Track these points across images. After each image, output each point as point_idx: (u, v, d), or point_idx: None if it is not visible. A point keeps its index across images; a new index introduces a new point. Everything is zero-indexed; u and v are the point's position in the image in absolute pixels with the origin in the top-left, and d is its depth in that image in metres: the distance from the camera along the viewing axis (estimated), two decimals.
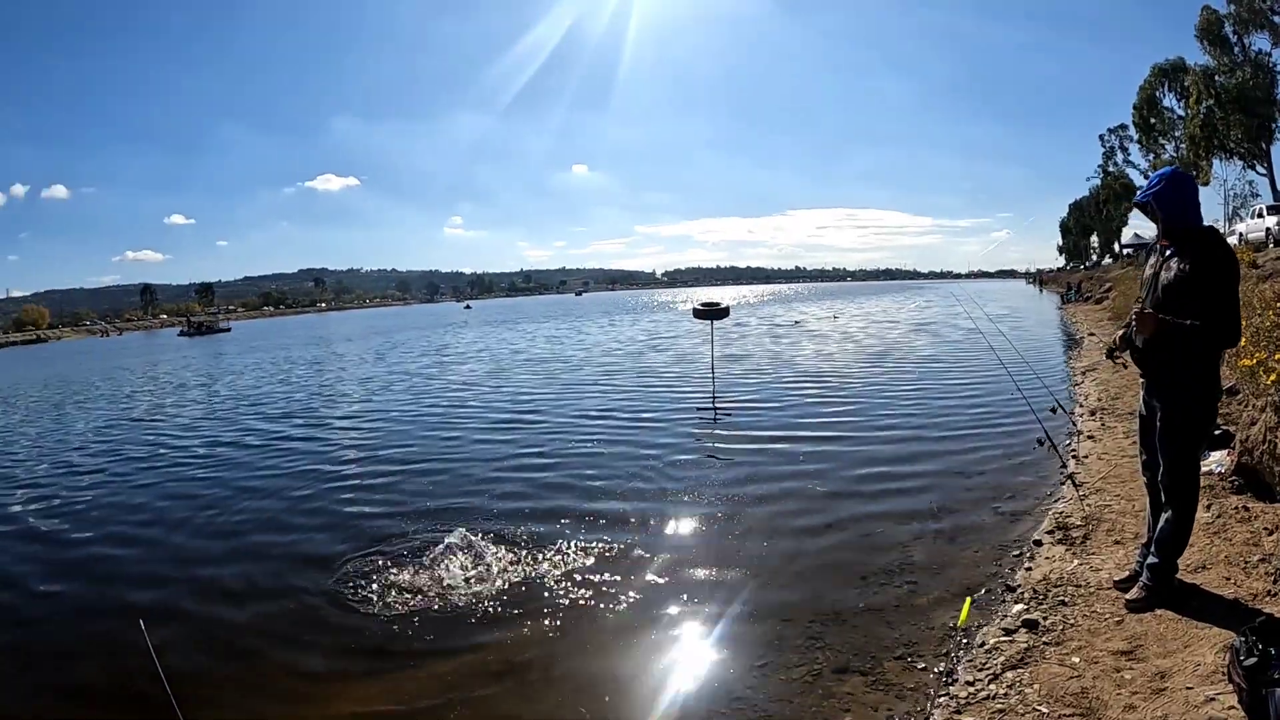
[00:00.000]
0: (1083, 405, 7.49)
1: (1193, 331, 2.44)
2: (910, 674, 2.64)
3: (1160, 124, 32.17)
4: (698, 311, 9.51)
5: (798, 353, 14.38)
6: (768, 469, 5.53)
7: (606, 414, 7.99)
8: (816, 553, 3.86)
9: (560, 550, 3.92)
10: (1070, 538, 3.82)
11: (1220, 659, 2.34)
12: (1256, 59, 25.02)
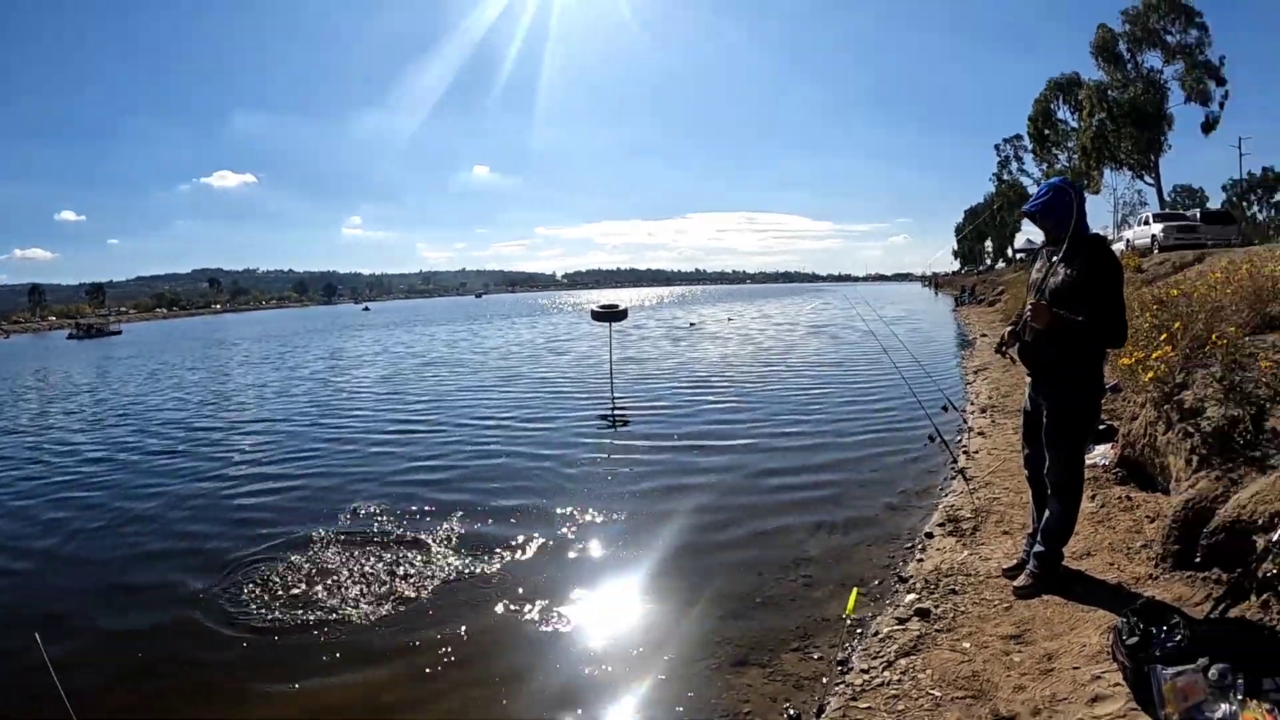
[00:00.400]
0: (974, 403, 9.28)
1: (1082, 331, 3.15)
2: (807, 664, 3.29)
3: (1054, 135, 41.24)
4: (596, 314, 11.64)
5: (697, 355, 17.63)
6: (666, 471, 6.73)
7: (505, 419, 9.54)
8: (715, 551, 4.76)
9: (458, 557, 4.71)
10: (960, 529, 4.72)
11: (1105, 640, 2.97)
12: (1148, 76, 33.35)
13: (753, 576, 4.33)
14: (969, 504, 5.18)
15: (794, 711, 2.93)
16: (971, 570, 4.02)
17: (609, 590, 4.29)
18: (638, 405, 10.42)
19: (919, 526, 5.04)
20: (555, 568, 4.61)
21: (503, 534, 5.13)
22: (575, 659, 3.53)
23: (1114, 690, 2.68)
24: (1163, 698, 2.49)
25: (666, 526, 5.25)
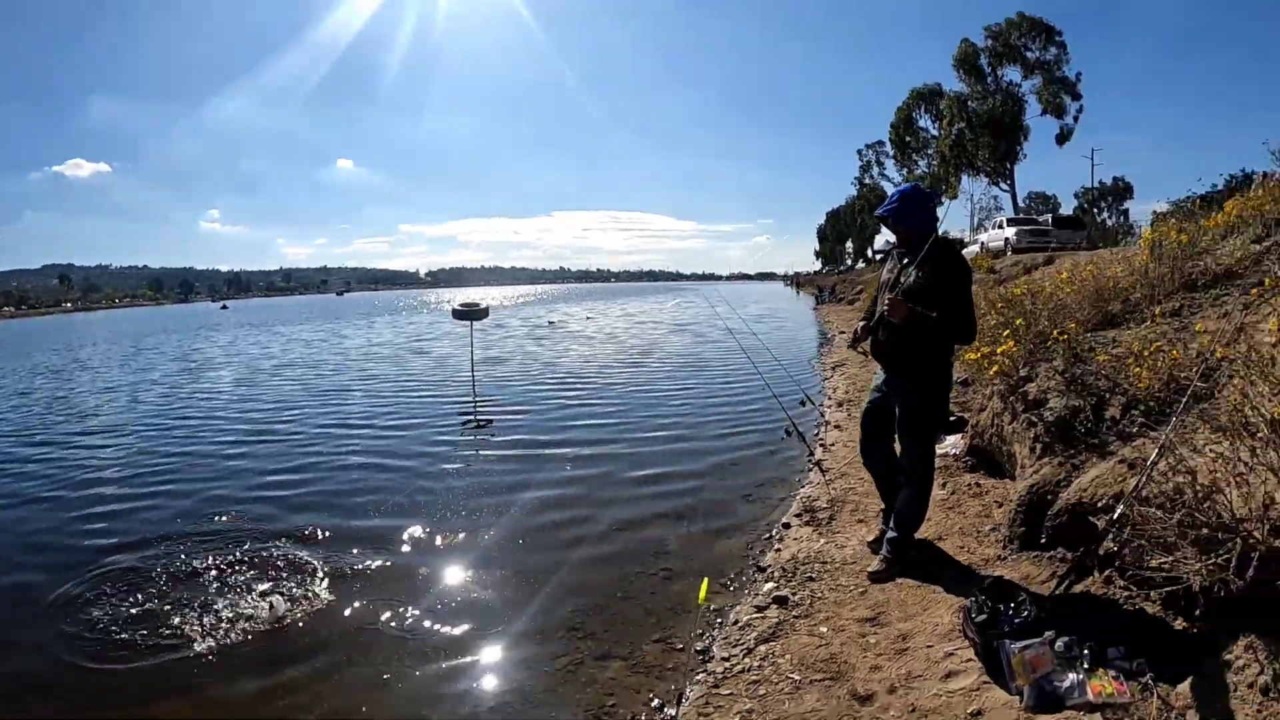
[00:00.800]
0: (831, 398, 10.11)
1: (935, 328, 3.62)
2: (669, 655, 3.56)
3: (915, 142, 45.67)
4: (457, 312, 12.22)
5: (560, 354, 18.62)
6: (527, 472, 7.08)
7: (365, 424, 9.87)
8: (577, 550, 5.08)
9: (316, 573, 4.75)
10: (817, 519, 5.13)
11: (956, 619, 3.32)
12: (1007, 89, 37.46)
13: (614, 572, 4.63)
14: (825, 494, 5.64)
15: (658, 702, 3.13)
16: (828, 558, 4.40)
17: (470, 596, 4.45)
18: (500, 407, 10.84)
19: (777, 517, 5.47)
20: (415, 577, 4.75)
21: (362, 545, 5.24)
22: (435, 666, 3.65)
23: (967, 666, 3.00)
24: (1013, 670, 2.80)
25: (527, 528, 5.53)
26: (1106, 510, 3.24)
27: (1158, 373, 4.16)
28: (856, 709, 2.88)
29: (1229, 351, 3.87)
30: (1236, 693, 2.23)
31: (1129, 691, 2.56)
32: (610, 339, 23.36)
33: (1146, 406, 4.15)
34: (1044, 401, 4.80)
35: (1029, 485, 4.26)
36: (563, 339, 23.84)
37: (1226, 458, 2.85)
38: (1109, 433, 4.21)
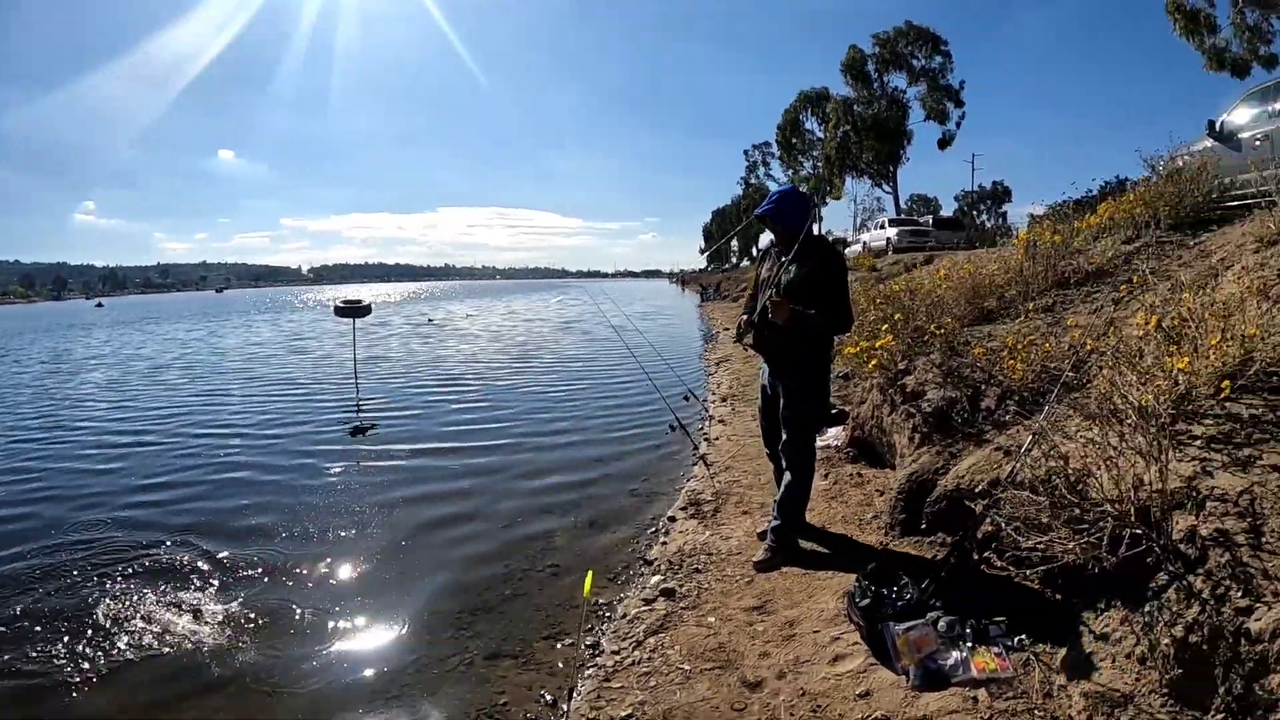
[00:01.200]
0: (715, 393, 10.33)
1: (815, 325, 3.89)
2: (559, 651, 3.63)
3: (801, 143, 47.31)
4: (340, 309, 12.31)
5: (444, 354, 18.57)
6: (412, 473, 7.13)
7: (245, 427, 9.57)
8: (463, 550, 5.12)
9: (197, 585, 4.61)
10: (702, 512, 5.20)
11: (841, 604, 3.42)
12: (893, 94, 39.36)
13: (501, 570, 4.69)
14: (710, 488, 5.73)
15: (550, 697, 3.19)
16: (714, 550, 4.48)
17: (356, 601, 4.39)
18: (384, 407, 10.72)
19: (662, 511, 5.58)
20: (300, 586, 4.60)
21: (243, 555, 5.09)
22: (323, 674, 3.61)
23: (853, 649, 3.09)
24: (898, 651, 2.88)
25: (412, 530, 5.52)
26: (984, 495, 3.38)
27: (1031, 365, 4.41)
28: (747, 696, 2.92)
29: (1099, 344, 4.15)
30: (1115, 663, 2.36)
31: (1011, 666, 2.68)
32: (496, 337, 23.39)
33: (1020, 397, 4.40)
34: (922, 393, 5.01)
35: (909, 473, 4.43)
36: (447, 338, 23.71)
37: (1097, 443, 3.03)
38: (985, 422, 4.43)
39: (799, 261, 3.98)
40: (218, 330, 32.51)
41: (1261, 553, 2.22)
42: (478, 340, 22.52)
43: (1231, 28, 17.39)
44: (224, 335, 28.95)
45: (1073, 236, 6.32)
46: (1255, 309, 3.41)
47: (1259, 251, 4.37)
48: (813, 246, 4.04)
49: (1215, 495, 2.51)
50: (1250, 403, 2.90)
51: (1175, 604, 2.28)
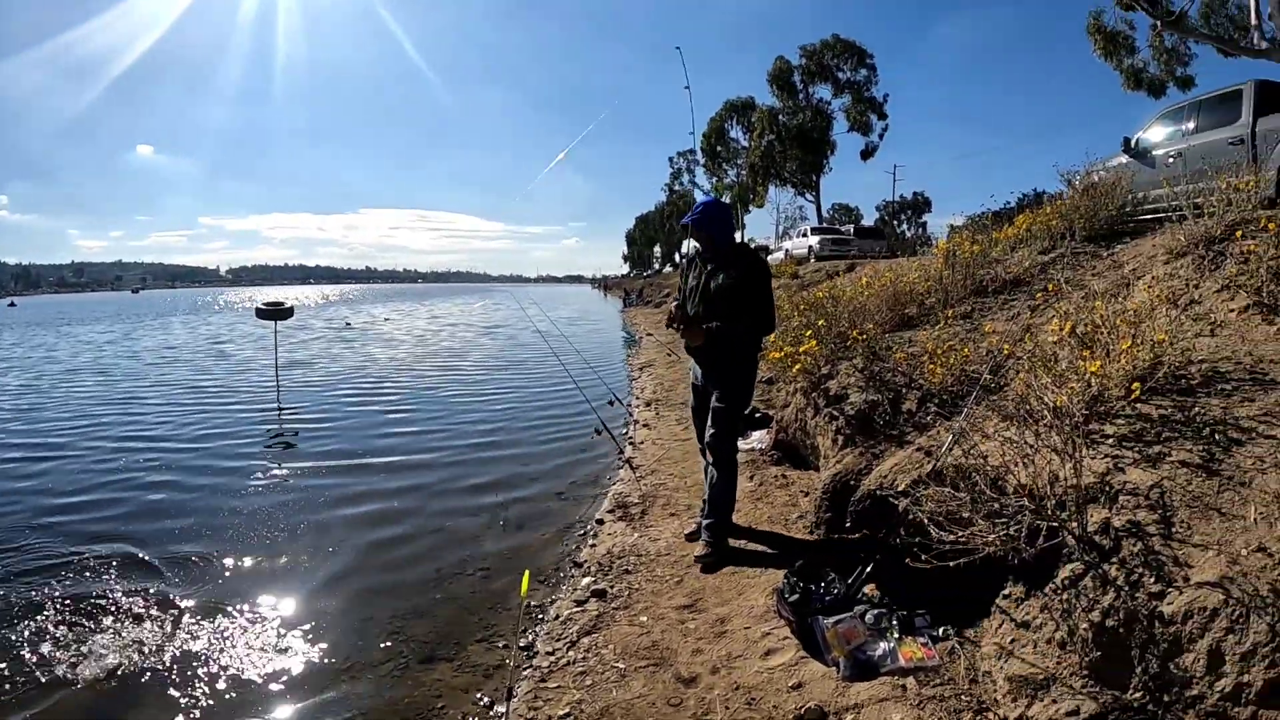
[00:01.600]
0: (639, 397, 10.37)
1: (734, 335, 4.13)
2: (493, 653, 3.64)
3: (725, 152, 47.97)
4: (261, 311, 12.11)
5: (368, 358, 18.32)
6: (337, 480, 7.00)
7: (162, 437, 9.11)
8: (392, 556, 5.10)
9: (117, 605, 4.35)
10: (630, 515, 5.23)
11: (770, 600, 3.49)
12: (817, 106, 40.26)
13: (431, 575, 4.67)
14: (636, 490, 5.77)
15: (487, 700, 3.20)
16: (642, 551, 4.53)
17: (285, 612, 4.23)
18: (306, 413, 10.47)
19: (590, 514, 5.60)
20: (225, 599, 4.41)
21: (165, 572, 4.82)
22: (254, 686, 3.50)
23: (784, 643, 3.16)
24: (827, 643, 2.95)
25: (340, 538, 5.43)
26: (906, 494, 3.49)
27: (950, 369, 4.58)
28: (683, 691, 2.95)
29: (1016, 349, 4.34)
30: (1036, 649, 2.46)
31: (937, 655, 2.78)
32: (420, 342, 23.14)
33: (940, 399, 4.56)
34: (845, 397, 5.14)
35: (833, 474, 4.54)
36: (370, 342, 23.33)
37: (1014, 442, 3.17)
38: (906, 424, 4.57)
39: (725, 269, 4.21)
40: (134, 333, 31.43)
41: (1172, 541, 2.35)
42: (402, 345, 22.24)
43: (1150, 50, 18.29)
44: (140, 338, 27.95)
45: (991, 247, 6.59)
46: (1164, 316, 3.63)
47: (1169, 263, 4.64)
48: (738, 254, 4.30)
49: (1127, 489, 2.65)
50: (1159, 403, 3.07)
51: (1092, 591, 2.40)
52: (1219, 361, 3.31)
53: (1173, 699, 2.06)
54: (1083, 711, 2.18)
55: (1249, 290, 3.71)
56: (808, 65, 38.85)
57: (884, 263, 11.86)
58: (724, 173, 48.14)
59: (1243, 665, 1.97)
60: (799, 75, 39.23)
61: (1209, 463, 2.62)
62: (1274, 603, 2.01)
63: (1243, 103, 7.28)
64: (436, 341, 23.30)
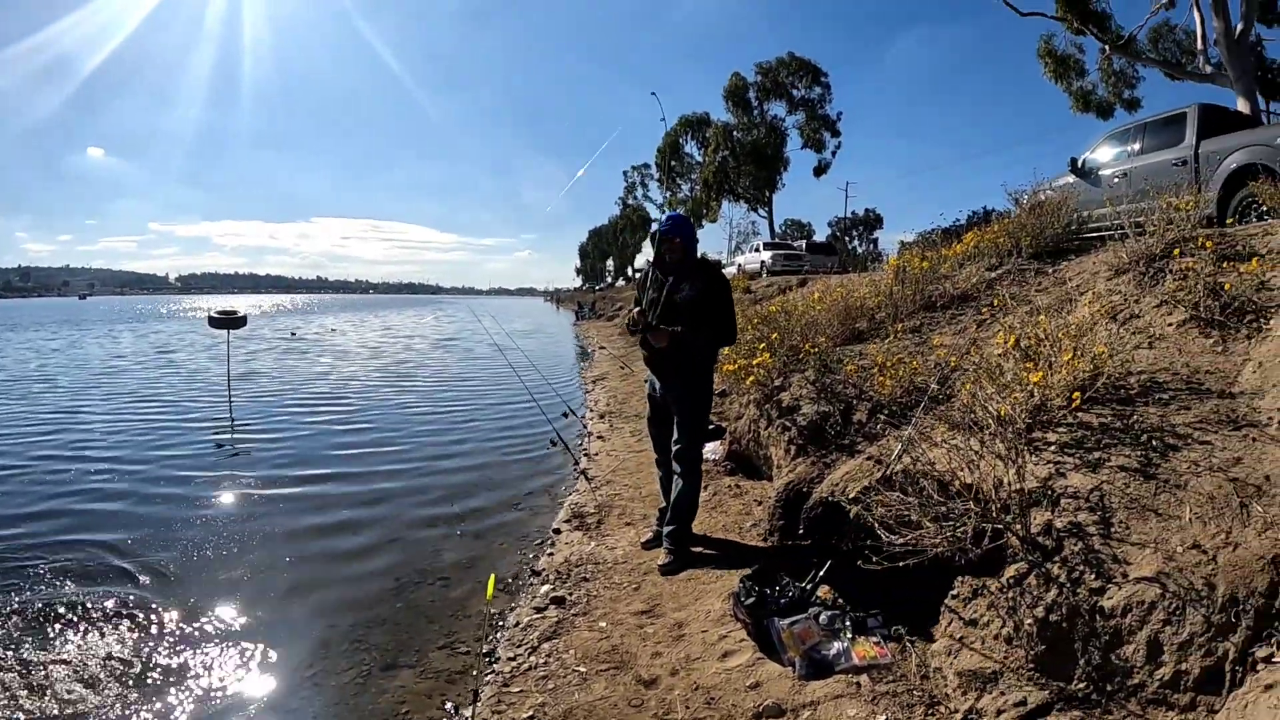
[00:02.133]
0: (593, 410, 10.42)
1: (695, 342, 4.28)
2: (455, 659, 3.67)
3: (680, 166, 48.44)
4: (214, 320, 12.09)
5: (322, 370, 18.03)
6: (293, 492, 6.91)
7: (110, 448, 8.87)
8: (350, 566, 5.08)
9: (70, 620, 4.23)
10: (586, 524, 5.26)
11: (727, 605, 3.55)
12: (771, 122, 40.71)
13: (391, 585, 4.68)
14: (592, 501, 5.82)
15: (451, 705, 3.23)
16: (600, 559, 4.57)
17: (245, 623, 4.17)
18: (260, 427, 10.28)
19: (547, 524, 5.62)
20: (183, 614, 4.31)
21: (117, 587, 4.70)
22: (217, 698, 3.47)
23: (741, 645, 3.22)
24: (783, 644, 3.02)
25: (297, 549, 5.39)
26: (857, 500, 3.58)
27: (900, 381, 4.71)
28: (643, 692, 2.99)
29: (963, 361, 4.48)
30: (984, 645, 2.56)
31: (890, 653, 2.86)
32: (375, 354, 22.89)
33: (890, 410, 4.68)
34: (797, 408, 5.24)
35: (786, 483, 4.63)
36: (324, 353, 22.98)
37: (961, 449, 3.28)
38: (857, 434, 4.68)
39: (689, 280, 4.34)
40: (81, 341, 30.35)
41: (1111, 541, 2.47)
42: (356, 357, 21.97)
43: (1099, 72, 18.90)
44: (88, 345, 27.05)
45: (940, 263, 6.77)
46: (1105, 330, 3.80)
47: (1111, 279, 4.84)
48: (699, 267, 4.45)
49: (1069, 493, 2.77)
50: (1100, 412, 3.22)
51: (1036, 589, 2.50)
52: (1157, 372, 3.46)
53: (1115, 688, 2.16)
54: (1030, 702, 2.27)
55: (1187, 305, 3.89)
56: (763, 82, 39.20)
57: (835, 278, 12.07)
58: (678, 187, 48.68)
59: (1180, 654, 2.08)
60: (754, 92, 39.61)
61: (1146, 467, 2.75)
62: (1208, 595, 2.13)
63: (1187, 125, 7.61)
64: (391, 353, 23.11)
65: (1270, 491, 2.43)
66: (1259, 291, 3.72)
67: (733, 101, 39.87)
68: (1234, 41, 13.92)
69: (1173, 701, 2.05)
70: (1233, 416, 2.95)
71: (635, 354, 15.55)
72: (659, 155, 47.85)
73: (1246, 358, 3.34)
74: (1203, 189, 6.58)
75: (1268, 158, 6.44)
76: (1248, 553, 2.22)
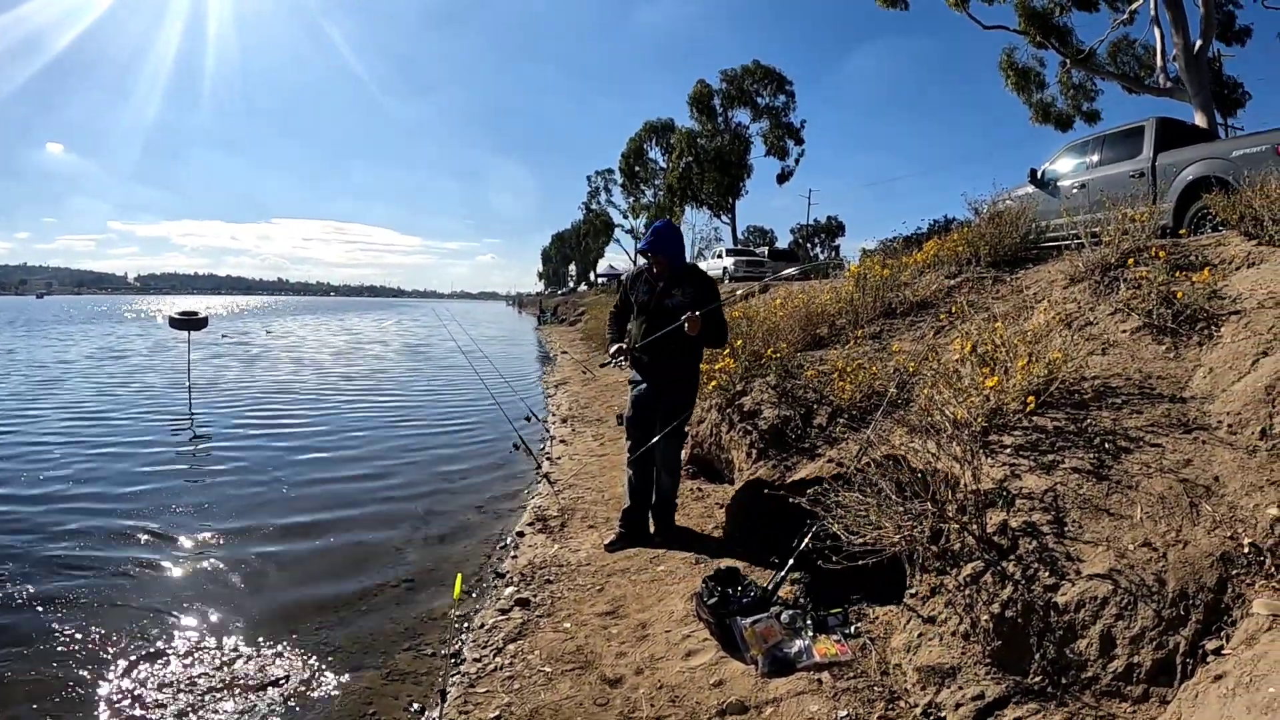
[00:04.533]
0: (555, 414, 10.40)
1: (699, 341, 4.55)
2: (421, 661, 3.67)
3: (644, 172, 48.61)
4: (174, 320, 12.27)
5: (285, 372, 17.85)
6: (254, 495, 6.82)
7: (67, 453, 8.50)
8: (314, 569, 5.03)
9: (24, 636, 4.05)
10: (549, 527, 5.24)
11: (689, 605, 3.57)
12: (736, 129, 41.06)
13: (355, 588, 4.65)
14: (555, 504, 5.79)
15: (418, 705, 3.22)
16: (563, 561, 4.57)
17: (207, 626, 4.12)
18: (221, 429, 10.12)
19: (511, 527, 5.61)
20: (147, 618, 4.23)
21: (78, 590, 4.59)
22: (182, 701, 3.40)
23: (704, 644, 3.24)
24: (746, 642, 3.04)
25: (261, 552, 5.25)
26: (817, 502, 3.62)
27: (859, 385, 4.77)
28: (608, 691, 2.99)
29: (921, 367, 4.55)
30: (942, 641, 2.59)
31: (850, 651, 2.90)
32: (337, 357, 22.64)
33: (850, 414, 4.74)
34: (759, 412, 5.28)
35: (746, 485, 4.70)
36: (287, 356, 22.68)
37: (918, 452, 3.35)
38: (818, 438, 4.74)
39: (680, 286, 4.52)
40: (36, 342, 29.32)
41: (1065, 539, 2.53)
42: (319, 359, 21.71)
43: (1059, 85, 19.32)
44: (44, 346, 26.36)
45: (900, 271, 6.86)
46: (1060, 336, 3.89)
47: (1067, 287, 4.95)
48: (689, 272, 4.64)
49: (1024, 494, 2.83)
50: (1054, 416, 3.29)
51: (992, 586, 2.55)
52: (1110, 378, 3.55)
53: (1070, 681, 2.21)
54: (987, 696, 2.31)
55: (1140, 313, 3.99)
56: (728, 90, 39.51)
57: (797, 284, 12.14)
58: (641, 193, 48.72)
59: (1133, 648, 2.13)
60: (719, 99, 39.88)
61: (1099, 469, 2.82)
62: (1159, 591, 2.18)
63: (1144, 138, 7.83)
64: (354, 356, 22.91)
65: (1219, 491, 2.51)
66: (1210, 300, 3.83)
67: (698, 108, 40.10)
68: (1192, 57, 14.29)
69: (1126, 693, 2.11)
70: (1184, 420, 3.03)
71: (596, 359, 15.55)
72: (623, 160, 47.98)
73: (1198, 364, 3.43)
74: (1159, 200, 6.77)
75: (1223, 170, 6.66)
76: (1197, 550, 2.28)
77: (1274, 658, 1.86)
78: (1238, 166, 6.41)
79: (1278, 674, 1.79)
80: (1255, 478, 2.53)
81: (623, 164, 48.36)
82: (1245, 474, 2.57)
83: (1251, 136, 7.08)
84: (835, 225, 62.58)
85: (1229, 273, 4.18)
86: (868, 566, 2.98)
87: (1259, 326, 3.38)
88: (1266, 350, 3.17)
